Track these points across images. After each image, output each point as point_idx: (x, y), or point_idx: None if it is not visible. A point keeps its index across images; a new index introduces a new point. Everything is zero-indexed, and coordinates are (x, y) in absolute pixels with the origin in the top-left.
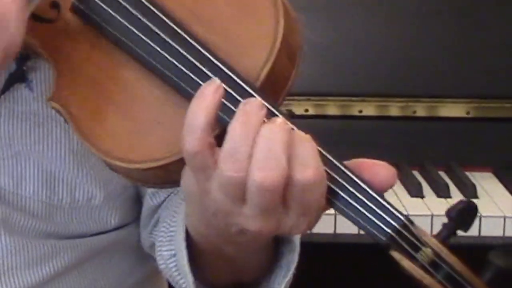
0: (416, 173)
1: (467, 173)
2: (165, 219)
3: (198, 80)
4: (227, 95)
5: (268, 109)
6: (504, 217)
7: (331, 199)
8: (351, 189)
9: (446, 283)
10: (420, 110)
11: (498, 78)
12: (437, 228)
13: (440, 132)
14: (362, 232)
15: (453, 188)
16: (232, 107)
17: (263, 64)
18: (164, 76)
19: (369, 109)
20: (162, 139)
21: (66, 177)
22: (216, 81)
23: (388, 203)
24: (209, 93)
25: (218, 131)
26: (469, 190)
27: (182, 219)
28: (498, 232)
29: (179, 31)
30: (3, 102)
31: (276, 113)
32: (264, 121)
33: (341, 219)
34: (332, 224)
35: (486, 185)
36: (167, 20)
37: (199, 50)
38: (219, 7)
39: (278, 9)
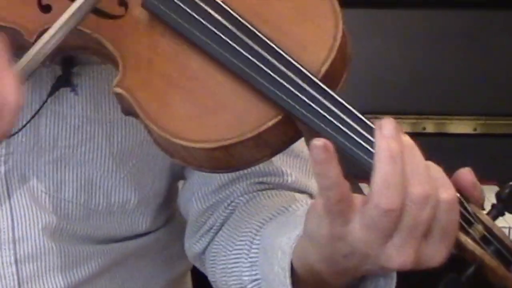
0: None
1: None
2: (239, 241)
3: (264, 67)
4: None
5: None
6: (509, 228)
7: None
8: None
9: (495, 256)
10: (430, 126)
11: (503, 97)
12: None
13: (449, 148)
14: None
15: None
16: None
17: (324, 60)
18: (230, 64)
19: None
20: (224, 122)
21: (103, 181)
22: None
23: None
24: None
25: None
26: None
27: (275, 250)
28: None
29: (247, 25)
30: (49, 104)
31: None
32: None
33: None
34: None
35: (492, 197)
36: (234, 14)
37: (266, 42)
38: (283, 10)
39: (337, 16)
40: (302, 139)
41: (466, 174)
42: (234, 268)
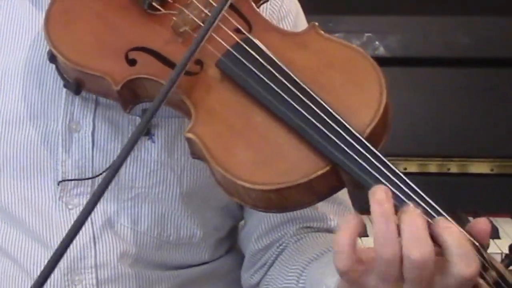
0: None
1: (491, 218)
2: (289, 275)
3: (318, 125)
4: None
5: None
6: (502, 253)
7: None
8: None
9: None
10: (453, 167)
11: None
12: None
13: (469, 185)
14: None
15: None
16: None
17: (369, 123)
18: (289, 120)
19: (412, 167)
20: (280, 168)
21: (174, 217)
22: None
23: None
24: (352, 223)
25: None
26: (493, 232)
27: (320, 285)
28: None
29: (307, 89)
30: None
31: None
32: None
33: None
34: None
35: (507, 228)
36: (297, 80)
37: (321, 104)
38: (338, 78)
39: (383, 86)
40: (345, 190)
41: (484, 223)
42: None
